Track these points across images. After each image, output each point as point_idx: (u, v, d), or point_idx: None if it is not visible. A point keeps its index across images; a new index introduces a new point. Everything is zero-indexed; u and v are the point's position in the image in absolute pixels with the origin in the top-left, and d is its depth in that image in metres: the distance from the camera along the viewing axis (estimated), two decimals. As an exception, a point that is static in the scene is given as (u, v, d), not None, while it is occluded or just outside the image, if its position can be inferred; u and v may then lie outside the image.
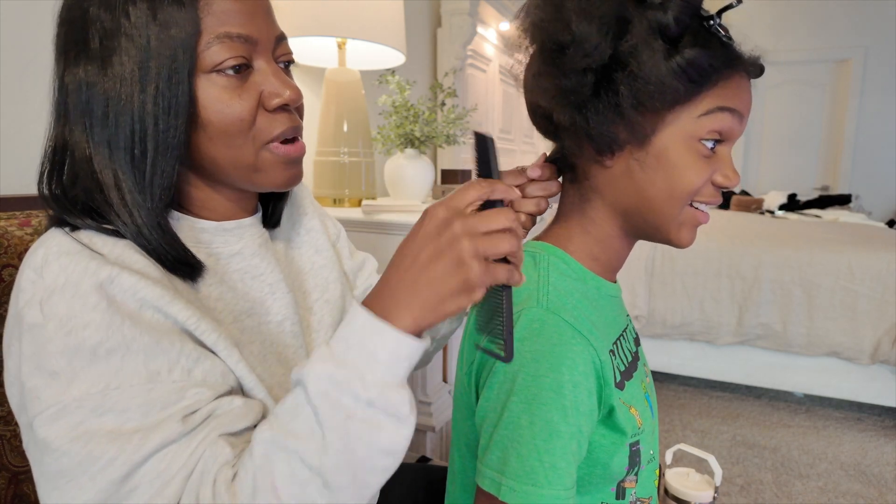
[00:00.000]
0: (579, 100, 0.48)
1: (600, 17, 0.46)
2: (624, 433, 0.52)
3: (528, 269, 0.54)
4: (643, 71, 0.46)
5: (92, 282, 0.40)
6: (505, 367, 0.49)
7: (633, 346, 0.61)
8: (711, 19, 0.48)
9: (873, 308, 1.98)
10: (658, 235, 0.54)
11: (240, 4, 0.47)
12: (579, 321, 0.50)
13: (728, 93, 0.48)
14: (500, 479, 0.46)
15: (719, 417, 2.17)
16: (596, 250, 0.56)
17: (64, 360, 0.39)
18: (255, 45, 0.48)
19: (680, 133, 0.49)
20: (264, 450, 0.39)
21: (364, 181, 1.44)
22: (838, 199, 4.22)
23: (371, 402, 0.38)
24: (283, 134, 0.50)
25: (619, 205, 0.54)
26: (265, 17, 0.50)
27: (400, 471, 0.82)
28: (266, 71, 0.49)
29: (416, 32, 2.18)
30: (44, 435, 0.38)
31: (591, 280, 0.56)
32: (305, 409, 0.39)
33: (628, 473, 0.54)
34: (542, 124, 0.56)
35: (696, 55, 0.45)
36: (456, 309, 0.40)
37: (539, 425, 0.46)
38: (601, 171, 0.53)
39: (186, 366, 0.42)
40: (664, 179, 0.50)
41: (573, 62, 0.47)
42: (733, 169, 0.52)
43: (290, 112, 0.51)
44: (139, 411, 0.39)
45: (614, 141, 0.50)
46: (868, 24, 4.50)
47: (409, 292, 0.39)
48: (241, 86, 0.47)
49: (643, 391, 0.59)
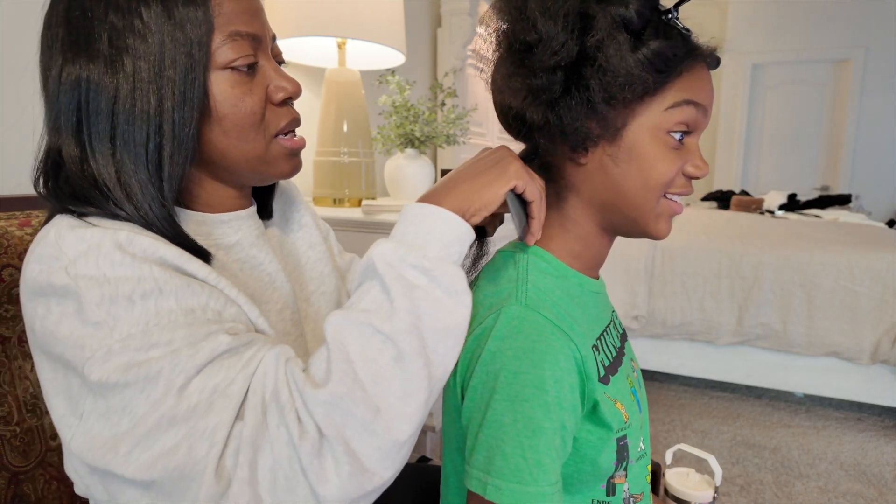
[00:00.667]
0: (551, 98, 0.50)
1: (564, 15, 0.47)
2: (610, 428, 0.52)
3: (507, 268, 0.55)
4: (611, 64, 0.47)
5: (111, 242, 0.42)
6: (487, 366, 0.49)
7: (617, 341, 0.62)
8: (669, 13, 0.49)
9: (873, 308, 1.98)
10: (636, 229, 0.55)
11: (245, 4, 0.49)
12: (559, 317, 0.50)
13: (691, 85, 0.50)
14: (486, 479, 0.47)
15: (719, 417, 2.17)
16: (577, 248, 0.57)
17: (102, 310, 0.40)
18: (260, 42, 0.51)
19: (649, 126, 0.50)
20: (335, 329, 0.41)
21: (364, 181, 1.44)
22: (838, 199, 4.21)
23: (432, 276, 0.42)
24: (288, 126, 0.54)
25: (595, 201, 0.55)
26: (263, 16, 0.52)
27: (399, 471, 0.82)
28: (268, 67, 0.52)
29: (416, 32, 2.18)
30: (97, 377, 0.39)
31: (572, 277, 0.57)
32: (374, 284, 0.42)
33: (617, 469, 0.54)
34: (513, 126, 0.57)
35: (661, 46, 0.47)
36: (492, 196, 0.47)
37: (522, 423, 0.46)
38: (576, 168, 0.54)
39: (216, 307, 0.44)
40: (637, 172, 0.51)
41: (542, 61, 0.48)
42: (702, 159, 0.53)
43: (291, 106, 0.55)
44: (184, 340, 0.40)
45: (588, 136, 0.51)
46: (868, 24, 4.50)
47: (453, 185, 0.47)
48: (251, 81, 0.50)
49: (629, 386, 0.59)
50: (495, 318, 0.50)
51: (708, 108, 0.52)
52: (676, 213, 0.55)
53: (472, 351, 0.51)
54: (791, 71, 4.85)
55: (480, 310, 0.53)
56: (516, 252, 0.57)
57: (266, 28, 0.52)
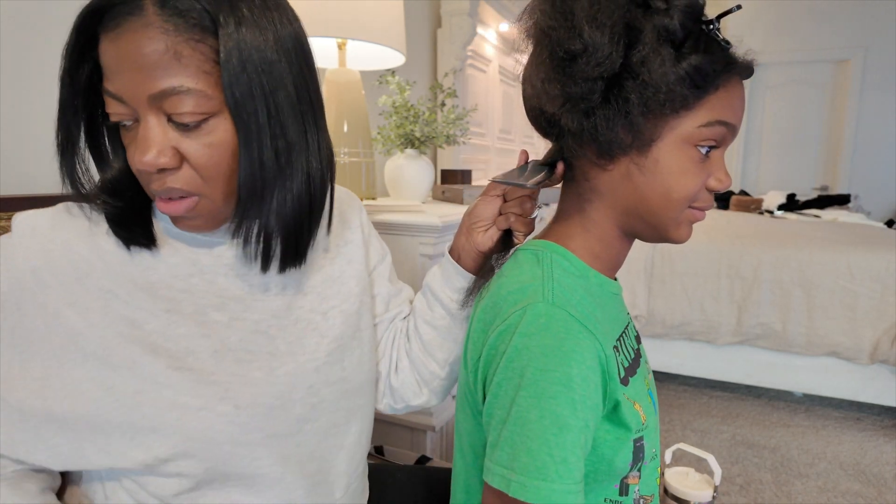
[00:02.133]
0: (588, 106, 0.49)
1: (611, 26, 0.46)
2: (629, 429, 0.52)
3: (532, 265, 0.55)
4: (653, 79, 0.46)
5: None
6: (512, 362, 0.49)
7: (634, 343, 0.62)
8: (711, 23, 0.48)
9: (873, 308, 1.99)
10: (655, 235, 0.55)
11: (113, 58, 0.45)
12: (585, 316, 0.50)
13: (725, 103, 0.50)
14: (510, 476, 0.46)
15: (719, 417, 2.17)
16: (597, 248, 0.57)
17: None
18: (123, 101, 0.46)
19: (679, 139, 0.50)
20: None
21: (364, 181, 1.44)
22: (837, 199, 4.21)
23: None
24: (157, 193, 0.49)
25: (618, 206, 0.55)
26: (136, 73, 0.45)
27: (399, 472, 0.83)
28: (145, 127, 0.46)
29: (416, 33, 2.18)
30: None
31: (593, 277, 0.57)
32: None
33: (631, 469, 0.54)
34: (542, 127, 0.56)
35: (701, 61, 0.47)
36: None
37: (549, 419, 0.46)
38: (601, 173, 0.54)
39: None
40: (662, 183, 0.51)
41: (585, 71, 0.48)
42: (725, 172, 0.53)
43: (161, 174, 0.48)
44: None
45: (619, 145, 0.50)
46: (868, 24, 4.50)
47: None
48: (129, 136, 0.49)
49: (646, 388, 0.59)
50: (521, 315, 0.50)
51: (738, 126, 0.52)
52: (699, 219, 0.55)
53: (495, 347, 0.51)
54: (791, 71, 4.85)
55: (504, 306, 0.52)
56: (538, 250, 0.56)
57: (137, 85, 0.45)
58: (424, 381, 0.70)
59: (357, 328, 0.64)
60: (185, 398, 0.49)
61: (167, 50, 0.44)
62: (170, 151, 0.47)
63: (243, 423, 0.51)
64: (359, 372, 0.63)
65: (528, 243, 0.59)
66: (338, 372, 0.60)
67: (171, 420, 0.49)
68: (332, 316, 0.61)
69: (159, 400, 0.49)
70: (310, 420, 0.56)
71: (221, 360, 0.52)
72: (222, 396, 0.51)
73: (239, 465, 0.52)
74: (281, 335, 0.57)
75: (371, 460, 1.00)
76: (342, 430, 0.61)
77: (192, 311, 0.52)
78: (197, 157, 0.47)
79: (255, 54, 0.46)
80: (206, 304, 0.53)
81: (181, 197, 0.49)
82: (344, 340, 0.61)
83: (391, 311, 0.73)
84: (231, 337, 0.53)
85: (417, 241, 1.20)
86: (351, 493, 0.63)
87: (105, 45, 0.45)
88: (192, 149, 0.47)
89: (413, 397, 0.71)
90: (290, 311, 0.58)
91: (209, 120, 0.47)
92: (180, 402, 0.49)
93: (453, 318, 0.68)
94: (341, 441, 0.61)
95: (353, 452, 0.62)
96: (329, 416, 0.59)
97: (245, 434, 0.51)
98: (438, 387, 0.71)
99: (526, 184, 0.57)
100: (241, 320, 0.54)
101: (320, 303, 0.61)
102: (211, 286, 0.54)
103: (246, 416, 0.51)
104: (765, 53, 4.81)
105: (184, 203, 0.49)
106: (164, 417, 0.49)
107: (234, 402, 0.51)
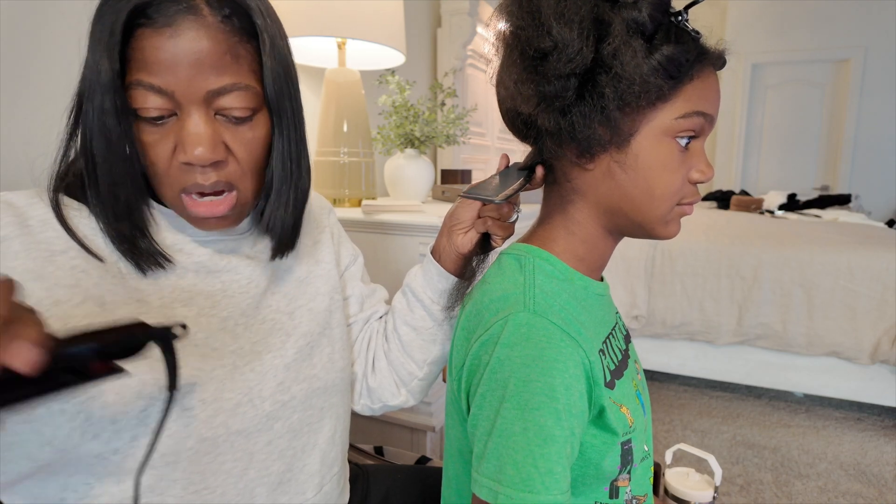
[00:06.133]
0: (563, 104, 0.49)
1: (579, 21, 0.46)
2: (615, 433, 0.52)
3: (514, 272, 0.54)
4: (626, 71, 0.46)
5: None
6: (496, 374, 0.48)
7: (622, 343, 0.61)
8: (679, 15, 0.49)
9: (873, 308, 1.98)
10: (642, 232, 0.55)
11: (158, 54, 0.47)
12: (567, 323, 0.50)
13: (701, 93, 0.50)
14: (497, 488, 0.46)
15: (719, 417, 2.17)
16: (581, 251, 0.57)
17: None
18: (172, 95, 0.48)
19: (658, 132, 0.50)
20: None
21: (364, 181, 1.44)
22: (838, 199, 4.21)
23: None
24: (194, 188, 0.50)
25: (601, 205, 0.54)
26: (184, 70, 0.47)
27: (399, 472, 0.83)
28: (188, 122, 0.48)
29: (416, 32, 2.18)
30: None
31: (578, 280, 0.56)
32: None
33: (621, 472, 0.54)
34: (519, 129, 0.56)
35: (673, 51, 0.47)
36: None
37: (533, 431, 0.46)
38: (582, 173, 0.54)
39: None
40: (644, 179, 0.51)
41: (557, 68, 0.47)
42: (707, 163, 0.53)
43: (206, 168, 0.50)
44: None
45: (598, 143, 0.50)
46: (868, 24, 4.50)
47: None
48: (161, 131, 0.49)
49: (634, 389, 0.59)
50: (503, 325, 0.49)
51: (715, 116, 0.52)
52: (687, 214, 0.55)
53: (478, 357, 0.51)
54: (791, 71, 4.85)
55: (486, 315, 0.52)
56: (521, 255, 0.56)
57: (186, 82, 0.47)
58: (402, 382, 0.71)
59: (327, 325, 0.64)
60: (150, 389, 0.49)
61: (228, 50, 0.48)
62: (221, 145, 0.50)
63: (206, 419, 0.51)
64: (330, 370, 0.63)
65: (511, 248, 0.59)
66: (307, 369, 0.60)
67: (135, 412, 0.48)
68: (299, 315, 0.62)
69: (124, 389, 0.48)
70: (280, 418, 0.57)
71: (187, 355, 0.52)
72: (186, 391, 0.51)
73: (201, 461, 0.51)
74: (246, 335, 0.57)
75: (371, 461, 0.99)
76: (315, 429, 0.61)
77: (160, 305, 0.52)
78: (242, 150, 0.51)
79: (286, 57, 0.53)
80: (174, 299, 0.53)
81: (218, 193, 0.52)
82: (312, 338, 0.62)
83: (366, 312, 0.73)
84: (197, 333, 0.53)
85: (417, 240, 1.20)
86: (324, 494, 0.63)
87: (152, 39, 0.46)
88: (238, 142, 0.51)
89: (391, 397, 0.72)
90: (258, 310, 0.59)
91: (255, 115, 0.52)
92: (145, 392, 0.49)
93: (434, 319, 0.69)
94: (314, 440, 0.61)
95: (326, 451, 0.62)
96: (300, 415, 0.59)
97: (209, 430, 0.51)
98: (416, 387, 0.72)
99: (495, 199, 0.58)
100: (208, 317, 0.55)
101: (287, 303, 0.62)
102: (180, 281, 0.54)
103: (211, 410, 0.51)
104: (765, 53, 4.81)
105: (226, 200, 0.52)
106: (127, 409, 0.48)
107: (199, 397, 0.51)
